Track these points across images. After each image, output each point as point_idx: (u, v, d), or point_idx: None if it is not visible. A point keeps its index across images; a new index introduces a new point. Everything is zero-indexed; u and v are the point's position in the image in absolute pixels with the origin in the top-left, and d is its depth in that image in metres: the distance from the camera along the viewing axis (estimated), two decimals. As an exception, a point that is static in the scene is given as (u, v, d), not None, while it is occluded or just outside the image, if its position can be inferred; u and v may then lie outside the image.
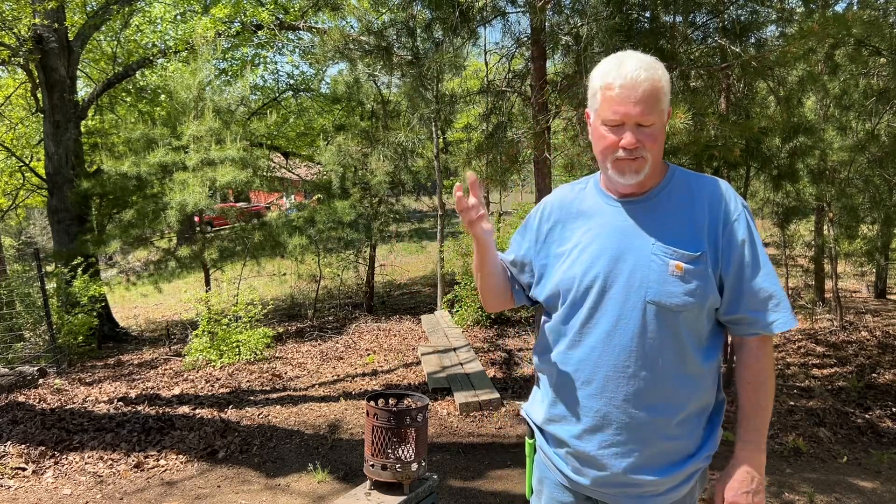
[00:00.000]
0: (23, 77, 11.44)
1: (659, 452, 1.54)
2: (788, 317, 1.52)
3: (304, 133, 14.34)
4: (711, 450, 1.61)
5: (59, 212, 9.89)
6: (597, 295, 1.54)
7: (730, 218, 1.52)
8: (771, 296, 1.51)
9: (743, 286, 1.51)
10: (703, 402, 1.58)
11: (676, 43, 5.38)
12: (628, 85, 1.44)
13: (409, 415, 2.60)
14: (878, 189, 7.06)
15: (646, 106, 1.45)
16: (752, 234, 1.53)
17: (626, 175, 1.51)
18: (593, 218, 1.61)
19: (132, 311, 13.53)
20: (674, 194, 1.56)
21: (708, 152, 5.26)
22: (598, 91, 1.50)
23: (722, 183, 1.59)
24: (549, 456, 1.69)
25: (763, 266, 1.52)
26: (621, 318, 1.51)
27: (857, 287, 11.49)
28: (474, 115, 9.14)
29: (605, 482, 1.58)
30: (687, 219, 1.52)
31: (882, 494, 4.05)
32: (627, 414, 1.52)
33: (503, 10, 5.60)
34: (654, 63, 1.49)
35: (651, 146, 1.48)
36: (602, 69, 1.51)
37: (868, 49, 6.36)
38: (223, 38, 10.04)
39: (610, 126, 1.49)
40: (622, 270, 1.52)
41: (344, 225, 10.07)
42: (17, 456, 4.46)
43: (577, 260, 1.59)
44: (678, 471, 1.55)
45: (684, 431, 1.55)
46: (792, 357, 7.34)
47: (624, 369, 1.52)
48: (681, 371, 1.52)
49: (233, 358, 7.51)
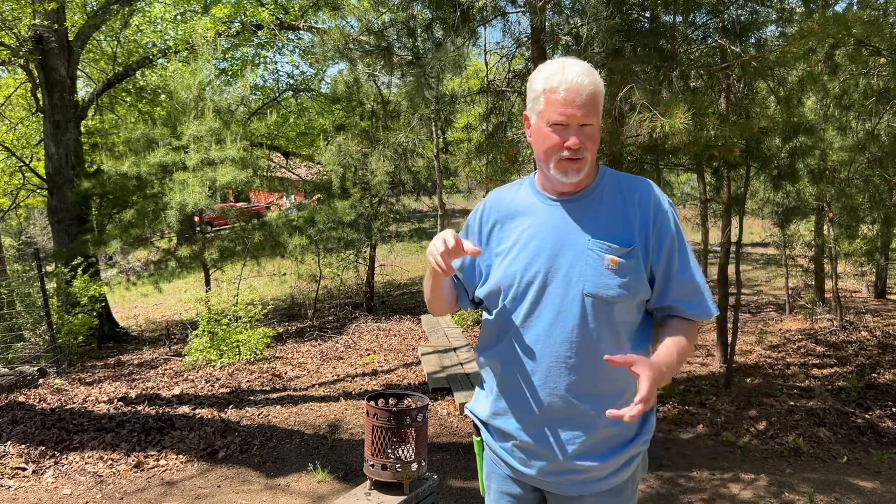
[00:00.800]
0: (23, 77, 11.44)
1: (601, 439, 1.62)
2: (710, 306, 1.65)
3: (304, 133, 14.34)
4: (648, 433, 1.70)
5: (59, 212, 9.89)
6: (538, 290, 1.61)
7: (658, 216, 1.62)
8: (696, 288, 1.64)
9: (671, 279, 1.63)
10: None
11: (676, 43, 5.38)
12: (573, 89, 1.52)
13: (409, 415, 2.60)
14: (878, 189, 7.06)
15: (588, 109, 1.54)
16: (678, 231, 1.64)
17: (569, 174, 1.59)
18: (531, 217, 1.68)
19: (132, 311, 13.53)
20: (606, 193, 1.65)
21: (708, 152, 5.26)
22: (542, 94, 1.57)
23: (651, 184, 1.69)
24: (495, 450, 1.76)
25: (689, 261, 1.64)
26: (562, 311, 1.59)
27: (857, 287, 11.49)
28: (474, 115, 9.14)
29: (551, 471, 1.65)
30: (619, 216, 1.62)
31: (882, 494, 4.05)
32: (570, 403, 1.60)
33: (503, 10, 5.60)
34: (593, 69, 1.59)
35: (591, 147, 1.58)
36: (544, 73, 1.58)
37: (868, 49, 6.36)
38: (223, 38, 10.04)
39: (554, 127, 1.56)
40: (561, 265, 1.60)
41: (344, 225, 10.08)
42: (17, 456, 4.46)
43: (516, 257, 1.65)
44: (619, 454, 1.64)
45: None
46: (792, 357, 7.34)
47: (566, 360, 1.59)
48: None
49: (233, 358, 7.51)
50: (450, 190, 22.03)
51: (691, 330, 1.65)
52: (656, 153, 5.63)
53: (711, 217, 9.53)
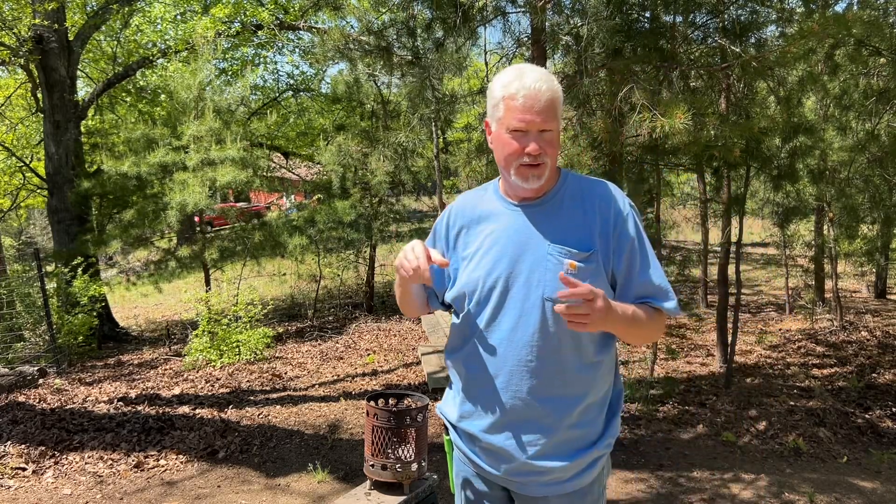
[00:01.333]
0: (23, 77, 11.44)
1: (563, 441, 1.64)
2: (674, 306, 1.65)
3: (304, 133, 14.33)
4: (612, 437, 1.72)
5: (59, 212, 9.89)
6: (499, 294, 1.63)
7: (619, 218, 1.63)
8: (656, 289, 1.64)
9: (632, 281, 1.64)
10: (602, 392, 1.69)
11: (676, 43, 5.38)
12: (531, 95, 1.54)
13: (409, 415, 2.60)
14: (878, 189, 7.05)
15: (547, 115, 1.56)
16: (639, 232, 1.65)
17: (529, 180, 1.60)
18: (494, 222, 1.70)
19: (132, 311, 13.53)
20: (567, 198, 1.67)
21: (708, 152, 5.26)
22: (501, 101, 1.59)
23: (611, 185, 1.70)
24: (463, 450, 1.79)
25: (650, 262, 1.65)
26: (522, 316, 1.61)
27: (857, 287, 11.49)
28: (474, 115, 9.14)
29: (515, 471, 1.67)
30: (579, 220, 1.63)
31: (882, 494, 4.05)
32: (531, 406, 1.62)
33: (503, 10, 5.60)
34: (551, 76, 1.60)
35: (551, 152, 1.59)
36: (503, 80, 1.59)
37: (868, 49, 6.36)
38: (223, 38, 10.04)
39: (514, 134, 1.57)
40: (521, 270, 1.61)
41: (344, 225, 10.07)
42: (17, 456, 4.46)
43: (479, 263, 1.67)
44: (582, 456, 1.65)
45: (586, 420, 1.66)
46: (792, 357, 7.34)
47: (527, 363, 1.61)
48: (579, 363, 1.63)
49: (233, 358, 7.51)
50: (450, 190, 22.02)
51: (655, 315, 1.65)
52: (656, 153, 5.64)
53: (711, 217, 9.53)
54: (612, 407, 1.74)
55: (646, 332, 1.68)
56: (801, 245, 10.11)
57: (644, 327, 1.62)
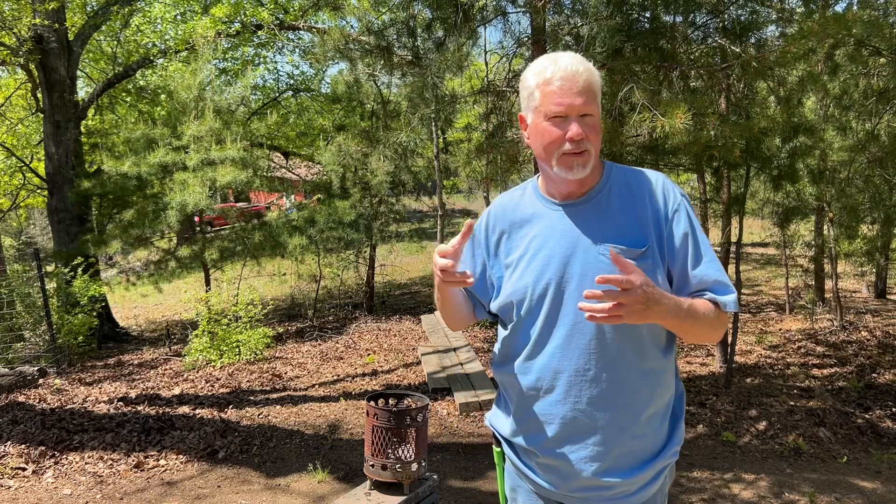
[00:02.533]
0: (23, 77, 11.44)
1: (627, 453, 1.55)
2: (733, 299, 1.53)
3: (304, 133, 14.33)
4: (677, 444, 1.62)
5: (59, 212, 9.89)
6: (551, 302, 1.53)
7: (671, 210, 1.54)
8: (717, 280, 1.53)
9: (688, 273, 1.53)
10: (666, 398, 1.60)
11: (676, 43, 5.38)
12: (568, 77, 1.45)
13: (409, 415, 2.60)
14: (878, 189, 7.05)
15: (587, 96, 1.46)
16: (692, 223, 1.55)
17: (574, 169, 1.49)
18: (537, 224, 1.60)
19: (132, 311, 13.53)
20: (614, 192, 1.56)
21: (708, 152, 5.26)
22: (536, 89, 1.50)
23: (660, 175, 1.60)
24: (518, 467, 1.68)
25: (706, 255, 1.54)
26: (577, 322, 1.51)
27: (857, 287, 11.49)
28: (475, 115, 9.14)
29: (577, 487, 1.57)
30: (630, 215, 1.53)
31: (882, 494, 4.05)
32: (593, 417, 1.52)
33: (504, 10, 5.60)
34: (585, 59, 1.51)
35: (594, 138, 1.49)
36: (537, 68, 1.51)
37: (868, 49, 6.35)
38: (223, 38, 10.04)
39: (553, 120, 1.48)
40: (573, 274, 1.52)
41: (344, 225, 10.07)
42: (17, 456, 4.45)
43: (526, 269, 1.57)
44: (647, 468, 1.56)
45: (650, 429, 1.56)
46: (792, 357, 7.34)
47: (585, 372, 1.52)
48: (642, 367, 1.53)
49: (233, 358, 7.51)
50: (450, 190, 22.05)
51: (714, 309, 1.52)
52: (656, 153, 5.63)
53: (711, 217, 9.52)
54: (676, 412, 1.64)
55: (704, 329, 1.52)
56: (801, 245, 10.10)
57: (702, 322, 1.49)
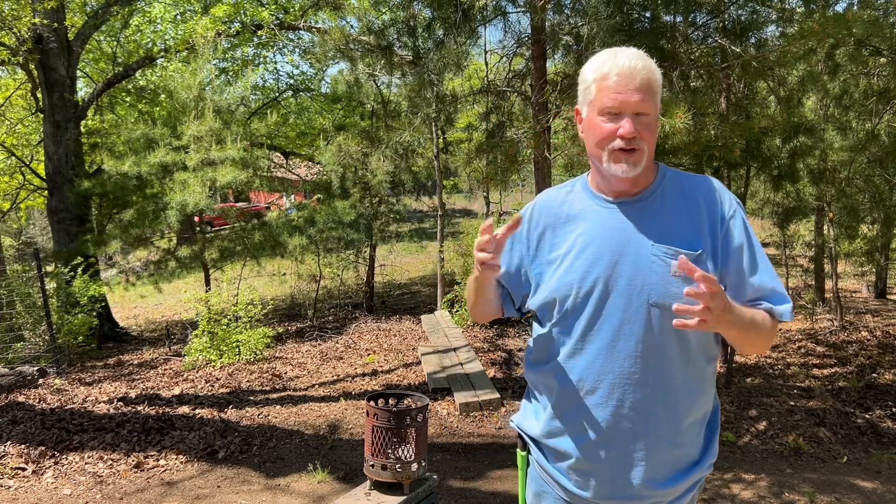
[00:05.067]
0: (23, 77, 11.44)
1: (665, 461, 1.51)
2: (789, 309, 1.49)
3: (304, 133, 14.35)
4: (713, 457, 1.59)
5: (59, 212, 9.89)
6: (597, 300, 1.49)
7: (726, 216, 1.50)
8: (773, 290, 1.49)
9: (744, 282, 1.49)
10: (707, 406, 1.57)
11: (677, 43, 5.38)
12: (626, 73, 1.42)
13: (409, 415, 2.60)
14: (878, 189, 7.05)
15: (644, 94, 1.43)
16: (748, 231, 1.51)
17: (625, 167, 1.46)
18: (585, 221, 1.55)
19: (132, 311, 13.53)
20: (668, 194, 1.53)
21: (708, 152, 5.26)
22: (593, 83, 1.47)
23: (714, 181, 1.57)
24: (547, 471, 1.63)
25: (761, 263, 1.50)
26: (625, 323, 1.47)
27: (857, 287, 11.48)
28: (475, 114, 9.14)
29: (611, 494, 1.53)
30: (684, 218, 1.50)
31: (882, 494, 4.04)
32: (635, 423, 1.48)
33: (504, 10, 5.61)
34: (648, 57, 1.48)
35: (648, 137, 1.46)
36: (596, 62, 1.48)
37: (868, 49, 6.35)
38: (223, 38, 10.04)
39: (607, 115, 1.45)
40: (622, 273, 1.47)
41: (344, 225, 10.07)
42: (17, 456, 4.45)
43: (572, 266, 1.53)
44: (684, 480, 1.53)
45: (689, 438, 1.54)
46: (792, 357, 7.33)
47: (630, 376, 1.47)
48: (686, 374, 1.50)
49: (233, 358, 7.51)
50: (450, 190, 22.06)
51: (769, 319, 1.47)
52: (656, 153, 5.63)
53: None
54: (711, 424, 1.60)
55: (761, 339, 1.48)
56: (801, 245, 10.11)
57: (760, 332, 1.45)
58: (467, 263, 10.08)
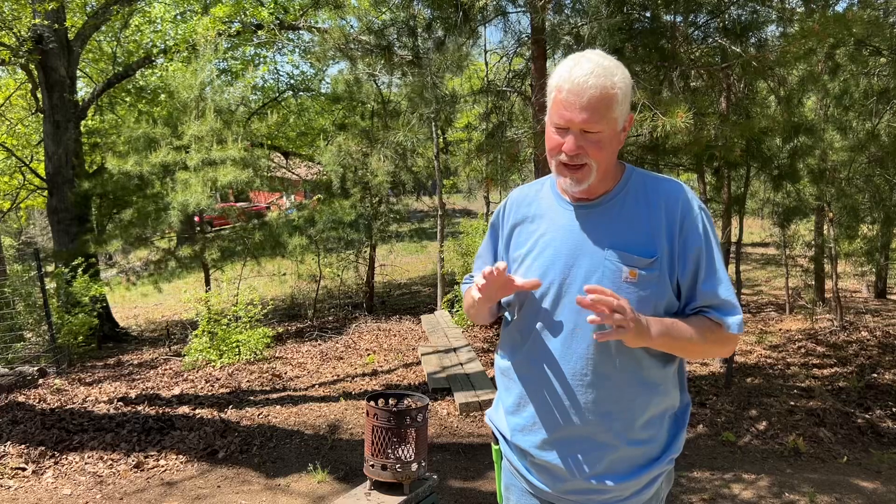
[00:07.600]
0: (23, 77, 11.44)
1: (621, 458, 1.53)
2: (737, 321, 1.49)
3: (305, 133, 14.35)
4: (675, 453, 1.59)
5: (59, 212, 9.89)
6: (552, 302, 1.51)
7: (686, 220, 1.48)
8: (723, 300, 1.49)
9: (696, 290, 1.49)
10: (664, 406, 1.56)
11: (677, 43, 5.38)
12: (575, 90, 1.39)
13: (409, 415, 2.60)
14: (878, 189, 7.05)
15: (591, 113, 1.40)
16: (708, 237, 1.49)
17: (568, 181, 1.47)
18: (547, 221, 1.57)
19: (132, 311, 13.53)
20: (629, 198, 1.52)
21: (708, 152, 5.27)
22: (552, 91, 1.46)
23: (681, 185, 1.56)
24: (513, 464, 1.67)
25: (715, 272, 1.49)
26: (577, 326, 1.49)
27: (857, 287, 11.48)
28: (475, 114, 9.14)
29: (570, 490, 1.56)
30: (642, 223, 1.49)
31: (883, 494, 4.04)
32: (588, 422, 1.51)
33: (504, 10, 5.61)
34: (611, 69, 1.42)
35: (595, 154, 1.43)
36: (558, 71, 1.46)
37: (868, 49, 6.35)
38: (223, 38, 10.04)
39: (557, 129, 1.45)
40: (576, 277, 1.49)
41: (344, 225, 10.08)
42: (17, 456, 4.45)
43: (531, 267, 1.55)
44: (642, 474, 1.54)
45: (647, 436, 1.54)
46: (792, 357, 7.33)
47: (582, 377, 1.50)
48: (639, 376, 1.51)
49: (233, 358, 7.51)
50: (450, 190, 22.05)
51: (715, 329, 1.49)
52: (657, 153, 5.64)
53: (712, 217, 9.53)
54: (678, 421, 1.61)
55: (700, 348, 1.50)
56: (801, 245, 10.10)
57: (696, 343, 1.46)
58: (467, 263, 10.08)
